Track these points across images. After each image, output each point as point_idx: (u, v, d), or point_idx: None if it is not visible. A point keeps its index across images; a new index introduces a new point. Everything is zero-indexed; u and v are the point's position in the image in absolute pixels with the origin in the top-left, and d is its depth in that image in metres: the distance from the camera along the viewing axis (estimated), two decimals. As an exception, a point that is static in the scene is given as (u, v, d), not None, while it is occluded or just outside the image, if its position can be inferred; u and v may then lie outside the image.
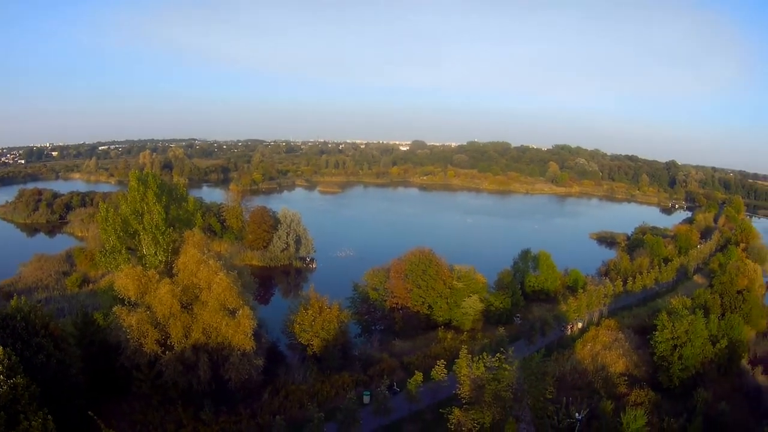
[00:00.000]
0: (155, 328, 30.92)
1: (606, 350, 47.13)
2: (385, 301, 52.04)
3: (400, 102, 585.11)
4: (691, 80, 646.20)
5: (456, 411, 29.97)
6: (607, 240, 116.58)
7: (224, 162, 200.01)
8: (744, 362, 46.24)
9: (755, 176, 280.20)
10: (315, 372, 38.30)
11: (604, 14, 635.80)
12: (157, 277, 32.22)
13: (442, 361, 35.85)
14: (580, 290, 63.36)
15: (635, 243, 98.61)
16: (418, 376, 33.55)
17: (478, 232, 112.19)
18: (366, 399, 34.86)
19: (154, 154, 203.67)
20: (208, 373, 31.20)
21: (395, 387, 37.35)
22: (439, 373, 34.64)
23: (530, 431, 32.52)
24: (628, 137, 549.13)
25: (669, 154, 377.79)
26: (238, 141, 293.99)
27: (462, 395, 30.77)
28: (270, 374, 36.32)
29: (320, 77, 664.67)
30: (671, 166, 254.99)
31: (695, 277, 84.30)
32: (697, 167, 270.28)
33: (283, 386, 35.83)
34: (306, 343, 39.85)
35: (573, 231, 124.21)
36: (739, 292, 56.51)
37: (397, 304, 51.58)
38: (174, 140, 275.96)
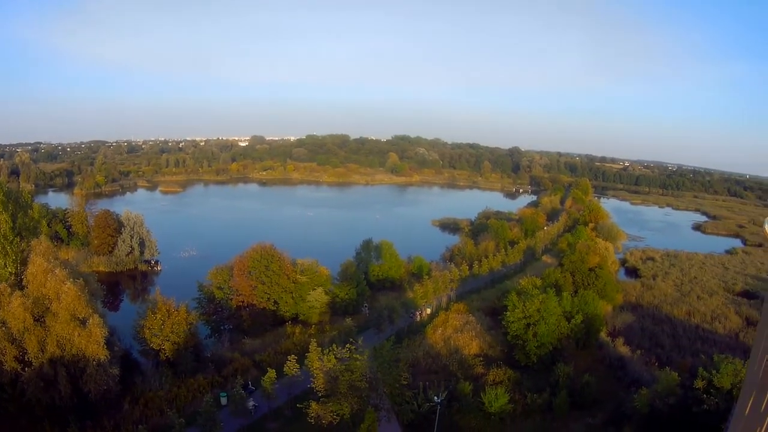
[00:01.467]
0: (12, 344, 39.13)
1: (458, 333, 62.69)
2: (231, 299, 65.80)
3: (240, 97, 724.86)
4: (536, 70, 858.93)
5: (314, 405, 39.62)
6: (450, 226, 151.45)
7: (68, 165, 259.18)
8: (603, 335, 65.70)
9: (603, 159, 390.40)
10: (170, 377, 48.90)
11: (446, 6, 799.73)
12: (9, 290, 40.81)
13: (293, 356, 46.12)
14: (426, 276, 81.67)
15: (479, 228, 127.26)
16: (272, 373, 43.40)
17: (319, 225, 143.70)
18: (223, 400, 45.18)
19: (1, 160, 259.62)
20: (68, 387, 39.75)
21: (250, 386, 47.94)
22: (292, 368, 44.47)
23: (391, 419, 42.37)
24: (472, 127, 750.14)
25: (514, 141, 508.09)
26: (82, 143, 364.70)
27: (317, 388, 40.75)
28: (127, 383, 45.68)
29: (161, 73, 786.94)
30: (514, 152, 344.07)
31: (544, 258, 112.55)
32: (541, 153, 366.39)
33: (142, 394, 45.54)
34: (158, 348, 50.42)
35: (415, 219, 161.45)
36: (591, 269, 79.20)
37: (243, 301, 65.76)
38: (20, 144, 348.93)
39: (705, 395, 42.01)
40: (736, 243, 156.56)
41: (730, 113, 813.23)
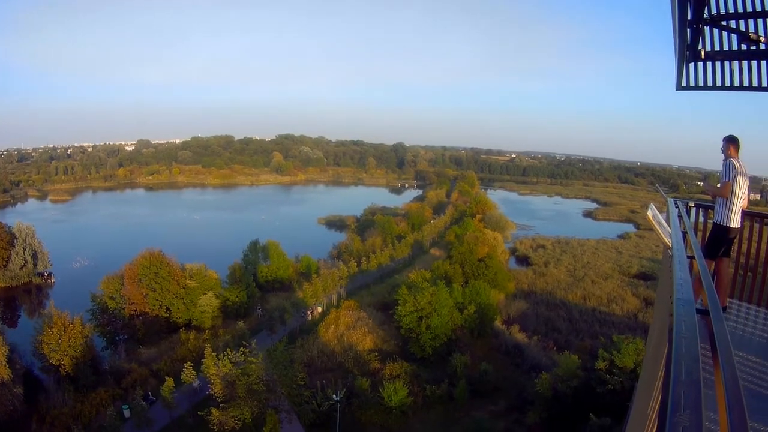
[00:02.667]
0: None
1: (350, 330, 64.83)
2: (124, 308, 66.84)
3: (125, 100, 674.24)
4: (421, 67, 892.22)
5: (214, 411, 41.05)
6: (336, 224, 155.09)
7: None
8: (498, 323, 69.28)
9: (489, 152, 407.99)
10: (72, 392, 49.42)
11: (330, 3, 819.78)
12: None
13: (190, 363, 48.11)
14: (314, 275, 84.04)
15: (366, 224, 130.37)
16: (170, 382, 44.73)
17: (206, 228, 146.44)
18: (126, 413, 45.62)
19: None
20: None
21: (151, 396, 48.85)
22: (189, 375, 46.52)
23: (292, 419, 43.98)
24: (356, 124, 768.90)
25: (399, 137, 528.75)
26: None
27: (216, 394, 42.28)
28: (31, 402, 46.74)
29: (45, 77, 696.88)
30: (399, 148, 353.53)
31: (432, 251, 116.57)
32: (426, 147, 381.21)
33: (47, 412, 45.99)
34: (58, 364, 51.56)
35: (301, 218, 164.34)
36: (480, 259, 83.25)
37: (136, 310, 67.12)
38: None
39: (608, 375, 44.94)
40: (629, 228, 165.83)
41: (619, 104, 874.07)
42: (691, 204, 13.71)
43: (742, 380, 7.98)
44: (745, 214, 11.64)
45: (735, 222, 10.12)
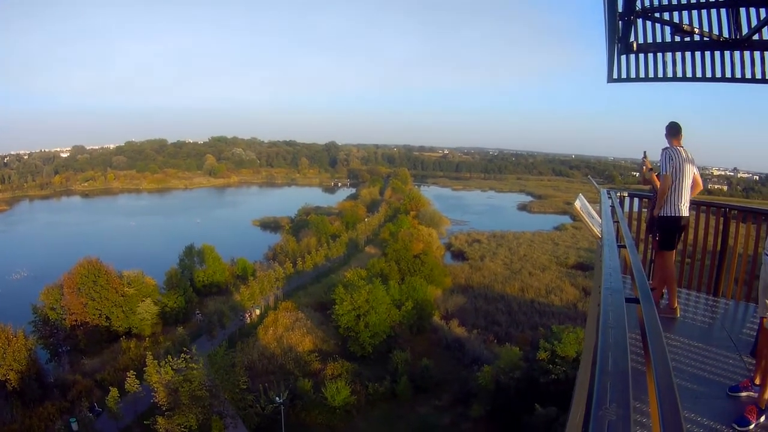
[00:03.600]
0: None
1: (289, 331, 64.95)
2: (65, 319, 65.60)
3: (58, 106, 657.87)
4: (352, 66, 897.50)
5: (160, 419, 40.76)
6: (271, 225, 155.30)
7: None
8: (437, 319, 70.24)
9: (422, 149, 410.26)
10: (20, 407, 48.46)
11: (263, 7, 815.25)
12: None
13: (132, 371, 47.82)
14: (251, 278, 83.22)
15: (300, 224, 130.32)
16: (114, 392, 44.68)
17: (142, 234, 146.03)
18: (74, 426, 44.03)
19: None
20: None
21: (97, 407, 47.83)
22: (132, 384, 46.18)
23: (237, 424, 44.18)
24: (288, 124, 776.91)
25: (331, 136, 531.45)
26: None
27: (160, 402, 41.90)
28: None
29: None
30: (331, 147, 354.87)
31: (367, 249, 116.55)
32: (358, 146, 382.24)
33: None
34: (4, 379, 50.04)
35: (235, 221, 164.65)
36: (416, 256, 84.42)
37: (76, 320, 65.73)
38: None
39: (550, 365, 45.87)
40: (565, 219, 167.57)
41: (552, 98, 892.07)
42: (625, 194, 14.04)
43: (683, 365, 8.23)
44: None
45: (684, 211, 10.18)
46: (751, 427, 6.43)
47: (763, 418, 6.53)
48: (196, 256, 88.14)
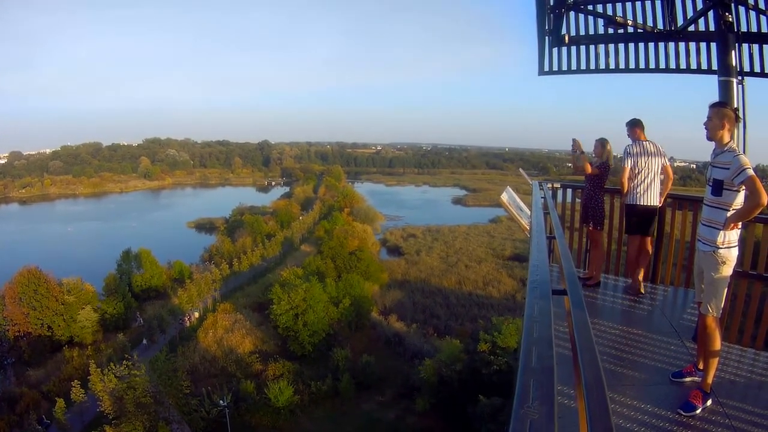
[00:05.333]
0: None
1: (229, 333, 64.56)
2: (8, 330, 64.55)
3: None
4: (283, 64, 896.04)
5: (107, 429, 40.28)
6: (206, 227, 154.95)
7: None
8: (375, 315, 70.71)
9: (354, 145, 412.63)
10: None
11: (188, 7, 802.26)
12: None
13: (77, 381, 46.82)
14: (188, 280, 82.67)
15: (235, 224, 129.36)
16: (61, 403, 43.83)
17: (80, 240, 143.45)
18: None
19: None
20: None
21: (45, 420, 46.64)
22: (78, 394, 45.23)
23: (184, 429, 43.81)
24: (221, 124, 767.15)
25: (264, 135, 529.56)
26: None
27: (106, 411, 41.53)
28: None
29: None
30: (264, 145, 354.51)
31: (303, 247, 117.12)
32: (291, 144, 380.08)
33: None
34: None
35: (170, 223, 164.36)
36: (351, 253, 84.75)
37: (19, 331, 64.77)
38: None
39: (492, 356, 46.46)
40: (500, 212, 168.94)
41: (484, 92, 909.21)
42: (557, 185, 14.29)
43: (624, 353, 8.36)
44: (613, 192, 12.41)
45: (646, 200, 10.68)
46: (697, 411, 6.57)
47: (709, 402, 6.68)
48: (134, 260, 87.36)
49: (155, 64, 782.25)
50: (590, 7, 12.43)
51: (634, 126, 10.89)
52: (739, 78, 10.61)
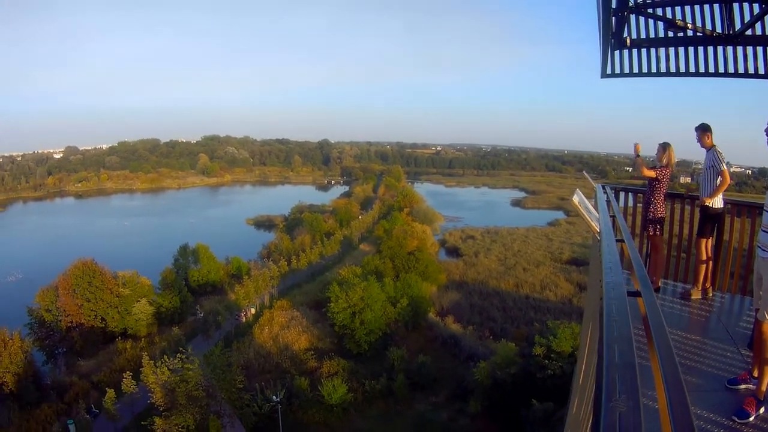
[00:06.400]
0: None
1: (285, 330, 65.27)
2: (60, 320, 65.49)
3: (50, 107, 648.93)
4: (342, 64, 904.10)
5: (158, 420, 40.92)
6: (265, 224, 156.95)
7: None
8: (432, 315, 70.51)
9: (414, 145, 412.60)
10: (17, 411, 48.58)
11: (246, 8, 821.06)
12: None
13: (129, 372, 47.55)
14: (246, 276, 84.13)
15: (294, 222, 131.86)
16: (111, 393, 44.55)
17: (136, 234, 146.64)
18: (72, 428, 44.63)
19: None
20: None
21: (94, 409, 47.90)
22: (129, 385, 45.72)
23: (235, 423, 44.35)
24: (281, 124, 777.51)
25: (324, 134, 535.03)
26: None
27: (157, 403, 42.19)
28: None
29: None
30: (324, 144, 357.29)
31: (362, 246, 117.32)
32: (351, 143, 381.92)
33: None
34: (0, 382, 50.17)
35: (229, 220, 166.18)
36: (410, 253, 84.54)
37: (72, 322, 65.50)
38: None
39: (546, 361, 45.98)
40: (559, 215, 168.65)
41: (545, 93, 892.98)
42: (619, 189, 14.19)
43: (681, 359, 8.29)
44: (674, 197, 12.27)
45: (717, 203, 10.86)
46: (751, 419, 6.50)
47: (762, 410, 6.60)
48: (191, 255, 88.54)
49: (212, 64, 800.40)
50: (650, 11, 12.27)
51: (705, 131, 10.89)
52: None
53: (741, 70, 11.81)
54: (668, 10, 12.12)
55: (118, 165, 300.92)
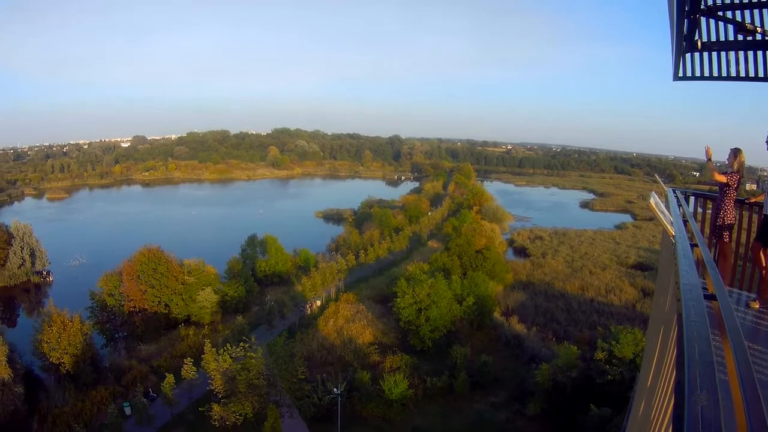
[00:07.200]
0: None
1: (350, 323, 65.63)
2: (123, 305, 67.78)
3: (118, 97, 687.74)
4: (413, 59, 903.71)
5: (215, 407, 41.88)
6: (334, 217, 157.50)
7: None
8: (497, 315, 69.97)
9: (485, 143, 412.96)
10: (73, 391, 50.26)
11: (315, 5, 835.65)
12: None
13: (190, 358, 48.99)
14: (313, 269, 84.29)
15: (363, 217, 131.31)
16: (170, 378, 45.81)
17: (203, 224, 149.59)
18: (127, 410, 46.15)
19: None
20: None
21: (151, 393, 49.84)
22: (189, 371, 47.35)
23: (293, 414, 44.57)
24: (351, 117, 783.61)
25: (394, 130, 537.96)
26: None
27: (216, 390, 43.03)
28: (32, 401, 47.59)
29: (37, 77, 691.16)
30: (395, 140, 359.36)
31: (430, 243, 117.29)
32: (422, 139, 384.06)
33: (48, 412, 46.58)
34: (58, 362, 52.30)
35: (298, 212, 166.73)
36: (478, 251, 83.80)
37: (135, 307, 67.76)
38: None
39: (607, 366, 45.31)
40: (626, 218, 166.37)
41: (615, 94, 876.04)
42: (689, 194, 13.89)
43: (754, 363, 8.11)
44: (740, 203, 11.93)
45: None
46: None
47: None
48: (259, 246, 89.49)
49: (283, 57, 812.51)
50: (721, 13, 11.93)
51: None
52: None
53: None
54: (738, 13, 11.81)
55: (187, 155, 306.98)
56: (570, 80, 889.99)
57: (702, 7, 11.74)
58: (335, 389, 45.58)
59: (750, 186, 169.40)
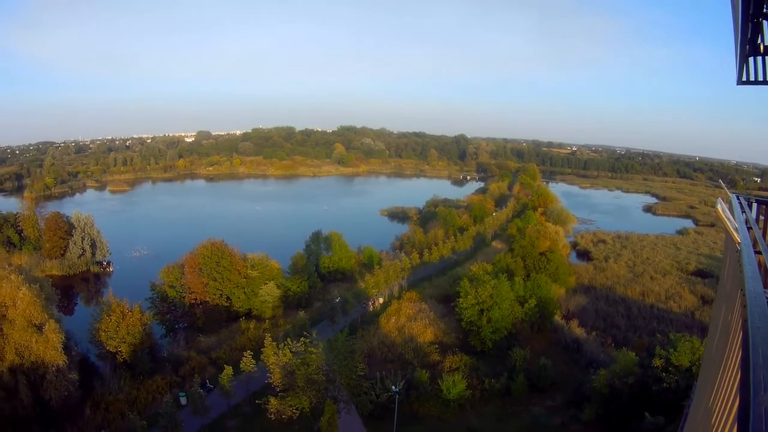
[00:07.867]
0: (-31, 354, 40.41)
1: (411, 322, 65.22)
2: (184, 297, 68.92)
3: (183, 92, 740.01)
4: (479, 58, 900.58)
5: (272, 400, 41.60)
6: (398, 215, 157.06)
7: (17, 168, 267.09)
8: (558, 318, 68.70)
9: (550, 144, 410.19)
10: (128, 379, 50.94)
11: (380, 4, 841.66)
12: (-38, 298, 41.87)
13: (249, 351, 48.71)
14: (377, 266, 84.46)
15: (428, 216, 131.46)
16: (228, 370, 45.66)
17: (268, 219, 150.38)
18: (183, 400, 46.97)
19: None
20: (29, 395, 41.53)
21: (208, 384, 50.76)
22: (248, 364, 47.12)
23: (350, 410, 44.19)
24: (417, 116, 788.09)
25: (460, 129, 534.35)
26: (30, 144, 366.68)
27: (274, 383, 42.78)
28: (86, 388, 47.56)
29: (103, 71, 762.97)
30: (460, 139, 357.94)
31: (494, 244, 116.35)
32: (488, 139, 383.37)
33: (102, 398, 47.26)
34: (115, 351, 52.72)
35: (363, 209, 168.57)
36: (542, 253, 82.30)
37: (196, 299, 68.91)
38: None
39: (664, 373, 44.11)
40: (688, 223, 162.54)
41: (677, 96, 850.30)
42: (752, 200, 13.36)
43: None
44: None
45: None
46: None
47: None
48: (323, 242, 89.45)
49: (349, 55, 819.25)
50: None
51: None
52: None
53: None
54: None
55: (252, 151, 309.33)
56: (635, 82, 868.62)
57: (765, 11, 11.21)
58: (394, 387, 45.14)
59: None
